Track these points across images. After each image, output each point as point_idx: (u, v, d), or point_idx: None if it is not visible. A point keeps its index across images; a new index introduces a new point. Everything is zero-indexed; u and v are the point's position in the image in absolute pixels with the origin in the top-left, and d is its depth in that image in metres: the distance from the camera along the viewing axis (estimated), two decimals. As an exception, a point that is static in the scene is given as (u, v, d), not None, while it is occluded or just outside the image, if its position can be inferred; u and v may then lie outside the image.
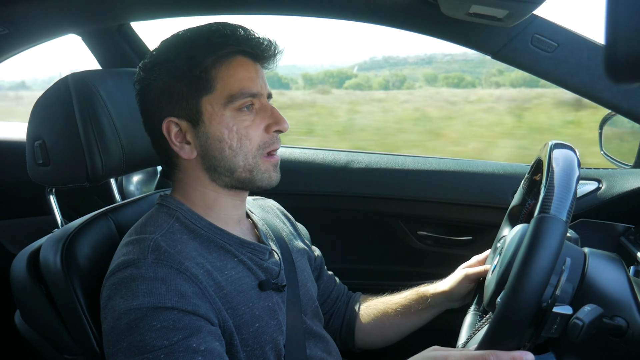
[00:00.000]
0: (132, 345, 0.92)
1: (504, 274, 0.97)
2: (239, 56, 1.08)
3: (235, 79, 1.06)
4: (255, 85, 1.08)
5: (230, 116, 1.06)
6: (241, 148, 1.07)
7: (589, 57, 1.39)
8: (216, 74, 1.06)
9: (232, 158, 1.08)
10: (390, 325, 1.41)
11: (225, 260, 1.08)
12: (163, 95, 1.07)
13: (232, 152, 1.07)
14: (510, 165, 1.87)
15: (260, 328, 1.07)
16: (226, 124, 1.06)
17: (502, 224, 1.32)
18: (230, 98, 1.06)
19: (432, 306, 1.37)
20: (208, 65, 1.05)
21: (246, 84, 1.07)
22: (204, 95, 1.06)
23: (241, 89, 1.06)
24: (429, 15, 1.45)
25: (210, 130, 1.07)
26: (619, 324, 0.87)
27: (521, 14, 1.27)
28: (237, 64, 1.07)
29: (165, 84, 1.06)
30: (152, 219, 1.10)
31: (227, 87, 1.06)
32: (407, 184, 1.88)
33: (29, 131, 1.24)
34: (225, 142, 1.07)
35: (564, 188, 0.85)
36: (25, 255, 1.19)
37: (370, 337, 1.44)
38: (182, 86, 1.06)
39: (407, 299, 1.41)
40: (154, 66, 1.07)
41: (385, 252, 1.99)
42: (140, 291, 0.94)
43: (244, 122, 1.07)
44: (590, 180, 1.71)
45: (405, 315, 1.39)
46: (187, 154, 1.09)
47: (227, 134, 1.06)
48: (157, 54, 1.09)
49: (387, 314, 1.41)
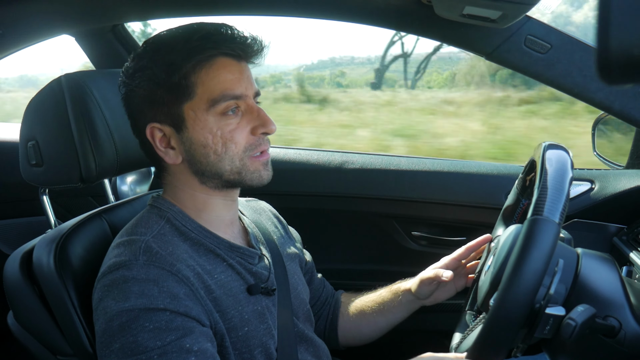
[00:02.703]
0: (125, 347, 0.91)
1: (497, 274, 0.97)
2: (220, 57, 1.04)
3: (216, 82, 1.03)
4: (238, 86, 1.05)
5: (213, 121, 1.04)
6: (226, 152, 1.05)
7: (582, 58, 1.40)
8: (196, 79, 1.02)
9: (217, 163, 1.06)
10: (367, 324, 1.43)
11: (215, 264, 1.08)
12: (145, 102, 1.05)
13: (217, 157, 1.05)
14: (503, 166, 1.88)
15: (249, 332, 1.07)
16: (209, 129, 1.04)
17: (496, 224, 1.33)
18: (212, 102, 1.03)
19: (405, 303, 1.38)
20: (187, 70, 1.02)
21: (228, 87, 1.04)
22: (186, 102, 1.03)
23: (223, 92, 1.03)
24: (422, 16, 1.45)
25: (194, 136, 1.04)
26: (611, 324, 0.88)
27: (515, 15, 1.28)
28: (218, 66, 1.04)
29: (146, 90, 1.04)
30: (143, 220, 1.10)
31: (207, 91, 1.03)
32: (401, 185, 1.89)
33: (22, 132, 1.23)
34: (210, 147, 1.04)
35: (557, 190, 0.85)
36: (18, 255, 1.18)
37: (350, 335, 1.46)
38: (162, 93, 1.03)
39: (381, 296, 1.42)
40: (135, 72, 1.05)
41: (379, 253, 1.99)
42: (133, 293, 0.94)
43: (229, 126, 1.04)
44: (583, 181, 1.72)
45: (381, 313, 1.40)
46: (172, 159, 1.08)
47: (211, 139, 1.04)
48: (137, 59, 1.05)
49: (364, 312, 1.43)
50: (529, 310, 0.84)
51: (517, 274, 0.81)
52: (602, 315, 0.88)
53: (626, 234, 1.54)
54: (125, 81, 1.07)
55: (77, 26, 1.89)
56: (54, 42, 1.82)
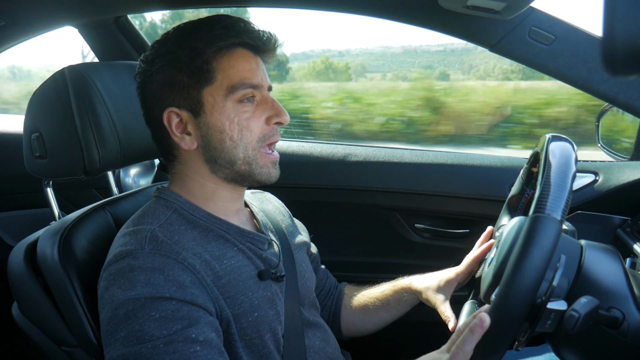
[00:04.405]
0: (131, 335, 0.92)
1: (500, 268, 0.97)
2: (240, 48, 1.09)
3: (236, 70, 1.07)
4: (255, 76, 1.09)
5: (231, 107, 1.07)
6: (242, 139, 1.08)
7: (587, 49, 1.39)
8: (217, 65, 1.06)
9: (232, 149, 1.08)
10: (371, 319, 1.45)
11: (225, 249, 1.09)
12: (164, 86, 1.07)
13: (233, 143, 1.07)
14: (507, 158, 1.87)
15: (259, 317, 1.08)
16: (227, 115, 1.07)
17: (501, 213, 1.33)
18: (231, 89, 1.06)
19: (409, 301, 1.40)
20: (209, 56, 1.06)
21: (247, 75, 1.07)
22: (206, 86, 1.06)
23: (242, 80, 1.07)
24: (426, 7, 1.45)
25: (212, 121, 1.07)
26: (615, 315, 0.87)
27: (519, 6, 1.27)
28: (238, 56, 1.08)
29: (166, 75, 1.07)
30: (150, 210, 1.11)
31: (228, 78, 1.06)
32: (405, 177, 1.89)
33: (25, 124, 1.23)
34: (226, 133, 1.07)
35: (560, 186, 0.85)
36: (23, 247, 1.19)
37: (353, 327, 1.48)
38: (183, 77, 1.06)
39: (384, 293, 1.43)
40: (156, 58, 1.08)
41: (382, 245, 1.99)
42: (139, 281, 0.95)
43: (245, 114, 1.08)
44: (587, 172, 1.71)
45: (384, 309, 1.43)
46: (188, 145, 1.09)
47: (228, 124, 1.07)
48: (158, 46, 1.09)
49: (368, 308, 1.45)
50: (530, 307, 0.84)
51: (518, 272, 0.82)
52: (605, 306, 0.88)
53: (630, 226, 1.54)
54: (144, 68, 1.10)
55: (80, 18, 1.89)
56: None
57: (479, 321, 0.85)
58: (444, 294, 1.32)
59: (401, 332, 1.54)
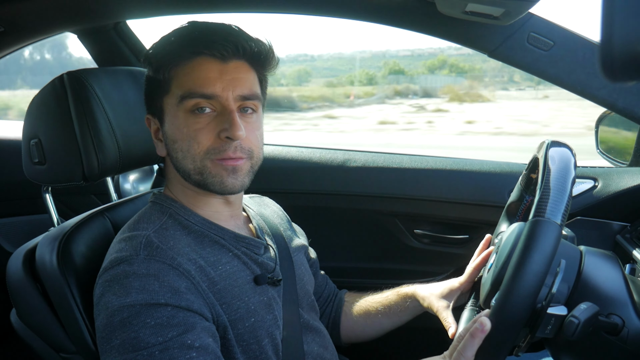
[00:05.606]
0: (126, 342, 0.91)
1: (500, 274, 0.97)
2: (201, 57, 1.05)
3: (187, 79, 1.04)
4: (211, 86, 1.04)
5: (182, 117, 1.05)
6: (189, 151, 1.05)
7: (585, 55, 1.40)
8: (174, 74, 1.06)
9: (182, 160, 1.07)
10: (372, 324, 1.44)
11: (220, 254, 1.08)
12: (145, 94, 1.14)
13: (182, 154, 1.06)
14: (506, 164, 1.87)
15: (256, 323, 1.07)
16: (178, 125, 1.06)
17: (500, 219, 1.33)
18: (181, 98, 1.04)
19: (411, 308, 1.39)
20: (170, 67, 1.06)
21: (199, 84, 1.03)
22: (164, 95, 1.08)
23: (190, 89, 1.03)
24: (425, 13, 1.45)
25: (168, 130, 1.08)
26: (614, 321, 0.87)
27: (517, 12, 1.27)
28: (194, 65, 1.05)
29: (145, 83, 1.13)
30: (145, 216, 1.11)
31: (179, 86, 1.05)
32: (404, 183, 1.88)
33: (24, 130, 1.23)
34: (178, 144, 1.06)
35: (559, 191, 0.85)
36: (22, 253, 1.19)
37: (353, 334, 1.47)
38: (152, 87, 1.11)
39: (388, 299, 1.43)
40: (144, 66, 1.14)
41: (382, 251, 1.99)
42: (133, 288, 0.94)
43: (196, 125, 1.04)
44: (587, 178, 1.71)
45: (386, 316, 1.42)
46: (160, 151, 1.13)
47: (179, 135, 1.06)
48: (144, 55, 1.14)
49: (370, 313, 1.44)
50: (530, 312, 0.84)
51: (518, 277, 0.82)
52: (605, 312, 0.88)
53: (629, 232, 1.54)
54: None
55: (79, 24, 1.89)
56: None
57: (480, 325, 0.85)
58: (447, 301, 1.32)
59: (400, 338, 1.54)
